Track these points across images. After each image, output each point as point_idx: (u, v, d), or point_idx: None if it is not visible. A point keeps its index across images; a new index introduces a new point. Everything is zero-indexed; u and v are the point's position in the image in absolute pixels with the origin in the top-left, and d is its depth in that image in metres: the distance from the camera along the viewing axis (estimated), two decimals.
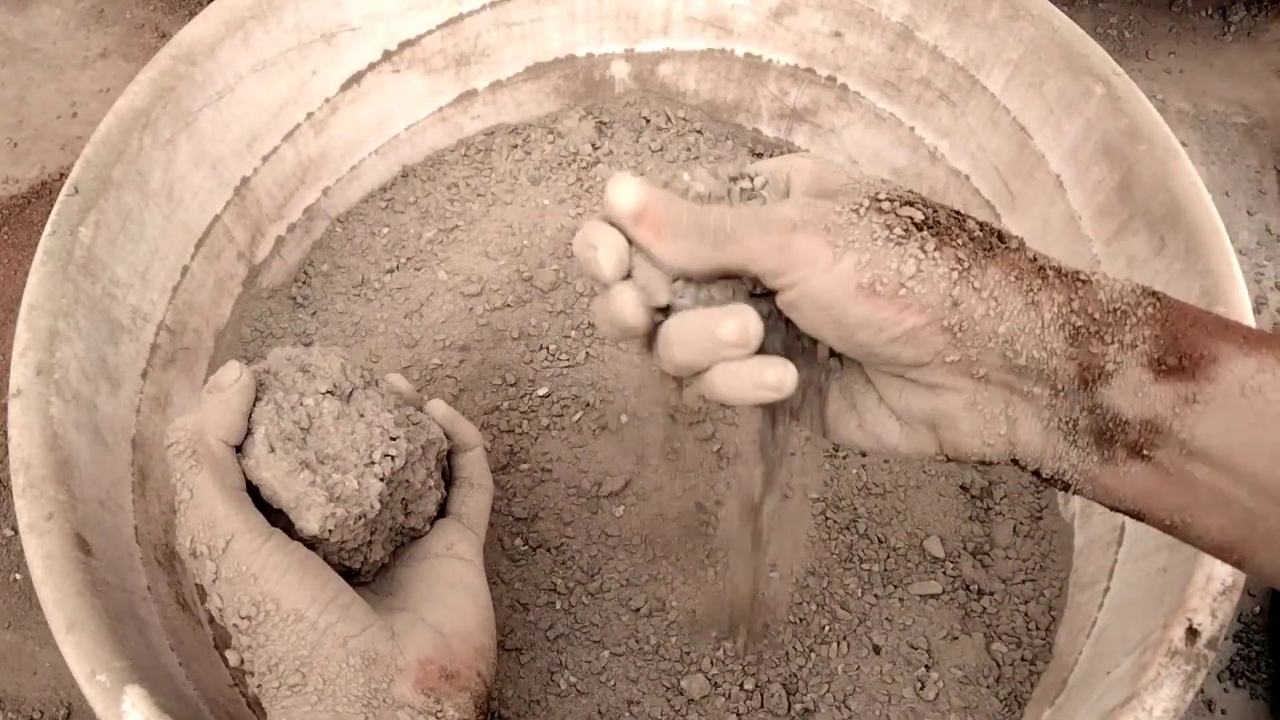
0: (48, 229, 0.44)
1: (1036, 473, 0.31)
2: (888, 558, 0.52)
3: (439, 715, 0.33)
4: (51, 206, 0.45)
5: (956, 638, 0.50)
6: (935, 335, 0.29)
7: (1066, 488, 0.30)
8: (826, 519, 0.53)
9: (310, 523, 0.34)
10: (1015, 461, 0.31)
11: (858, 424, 0.33)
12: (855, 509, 0.53)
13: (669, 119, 0.67)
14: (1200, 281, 0.44)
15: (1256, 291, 0.74)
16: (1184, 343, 0.27)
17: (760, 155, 0.67)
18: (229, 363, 0.36)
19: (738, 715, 0.47)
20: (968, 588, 0.51)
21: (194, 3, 0.85)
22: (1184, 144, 0.48)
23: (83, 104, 0.80)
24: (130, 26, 0.84)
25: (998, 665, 0.49)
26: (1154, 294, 0.28)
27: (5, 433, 0.56)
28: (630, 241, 0.31)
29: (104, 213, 0.46)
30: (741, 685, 0.48)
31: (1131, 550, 0.46)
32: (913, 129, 0.61)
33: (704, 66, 0.65)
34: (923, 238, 0.29)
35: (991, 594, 0.51)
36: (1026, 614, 0.51)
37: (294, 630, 0.32)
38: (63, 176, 0.75)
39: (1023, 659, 0.49)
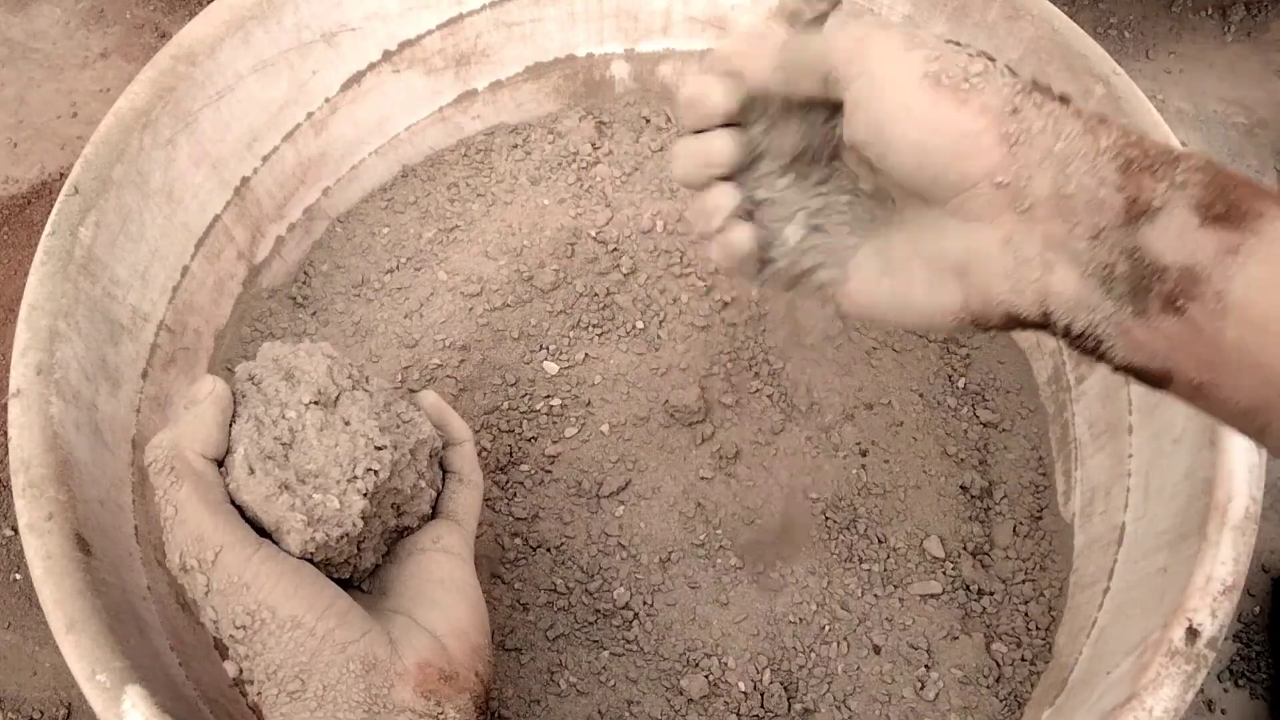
0: (48, 229, 0.44)
1: (1067, 330, 0.30)
2: (888, 558, 0.52)
3: (440, 718, 0.33)
4: (51, 206, 0.45)
5: (956, 638, 0.50)
6: (991, 145, 0.28)
7: (1097, 346, 0.29)
8: (827, 519, 0.53)
9: (292, 547, 0.33)
10: (1045, 318, 0.30)
11: (882, 271, 0.33)
12: (855, 509, 0.53)
13: (669, 119, 0.67)
14: None
15: None
16: (1233, 195, 0.27)
17: None
18: (203, 376, 0.36)
19: (738, 715, 0.47)
20: (968, 588, 0.51)
21: (194, 3, 0.85)
22: (1184, 144, 0.48)
23: (83, 104, 0.80)
24: (130, 26, 0.84)
25: (998, 665, 0.49)
26: (1205, 158, 0.28)
27: (5, 433, 0.56)
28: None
29: (104, 213, 0.46)
30: (741, 685, 0.48)
31: (1131, 550, 0.46)
32: None
33: (704, 66, 0.65)
34: (986, 61, 0.29)
35: (991, 594, 0.51)
36: (1026, 614, 0.51)
37: (291, 637, 0.32)
38: (63, 176, 0.75)
39: (1023, 659, 0.49)
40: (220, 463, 0.35)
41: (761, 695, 0.48)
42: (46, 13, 0.84)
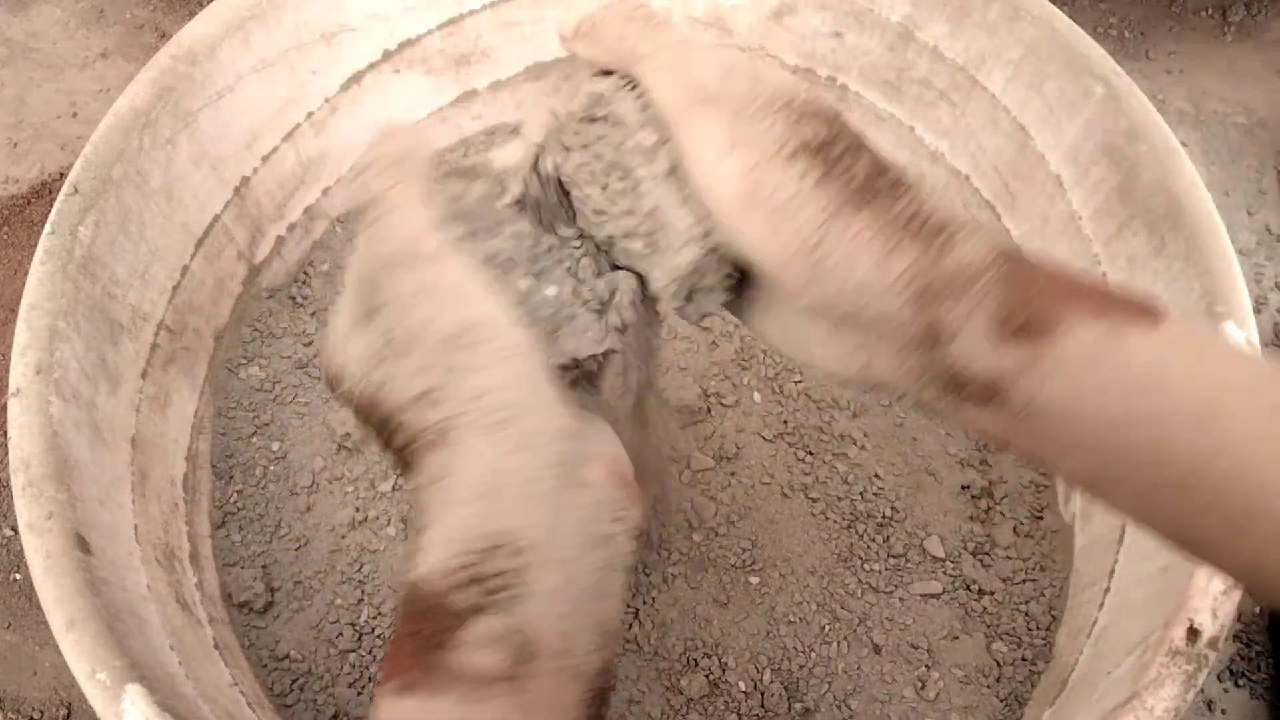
0: (47, 229, 0.44)
1: (901, 398, 0.31)
2: (888, 557, 0.52)
3: (623, 516, 0.31)
4: (51, 206, 0.45)
5: (957, 637, 0.50)
6: (797, 273, 0.29)
7: (937, 414, 0.31)
8: (827, 519, 0.53)
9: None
10: (879, 388, 0.31)
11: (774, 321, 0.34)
12: (855, 509, 0.53)
13: None
14: (1200, 281, 0.44)
15: (1256, 291, 0.74)
16: (1030, 307, 0.27)
17: None
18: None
19: (738, 715, 0.47)
20: (968, 587, 0.51)
21: (194, 3, 0.85)
22: (1184, 144, 0.48)
23: (83, 104, 0.80)
24: (130, 26, 0.84)
25: (998, 665, 0.49)
26: (1010, 256, 0.28)
27: (5, 432, 0.56)
28: None
29: (104, 212, 0.46)
30: (741, 685, 0.48)
31: (1132, 550, 0.46)
32: (913, 129, 0.61)
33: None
34: (807, 165, 0.29)
35: (992, 594, 0.51)
36: (1027, 614, 0.51)
37: (509, 366, 0.29)
38: (63, 176, 0.75)
39: (1023, 659, 0.49)
40: None
41: (761, 695, 0.48)
42: (46, 13, 0.84)
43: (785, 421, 0.55)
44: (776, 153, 0.29)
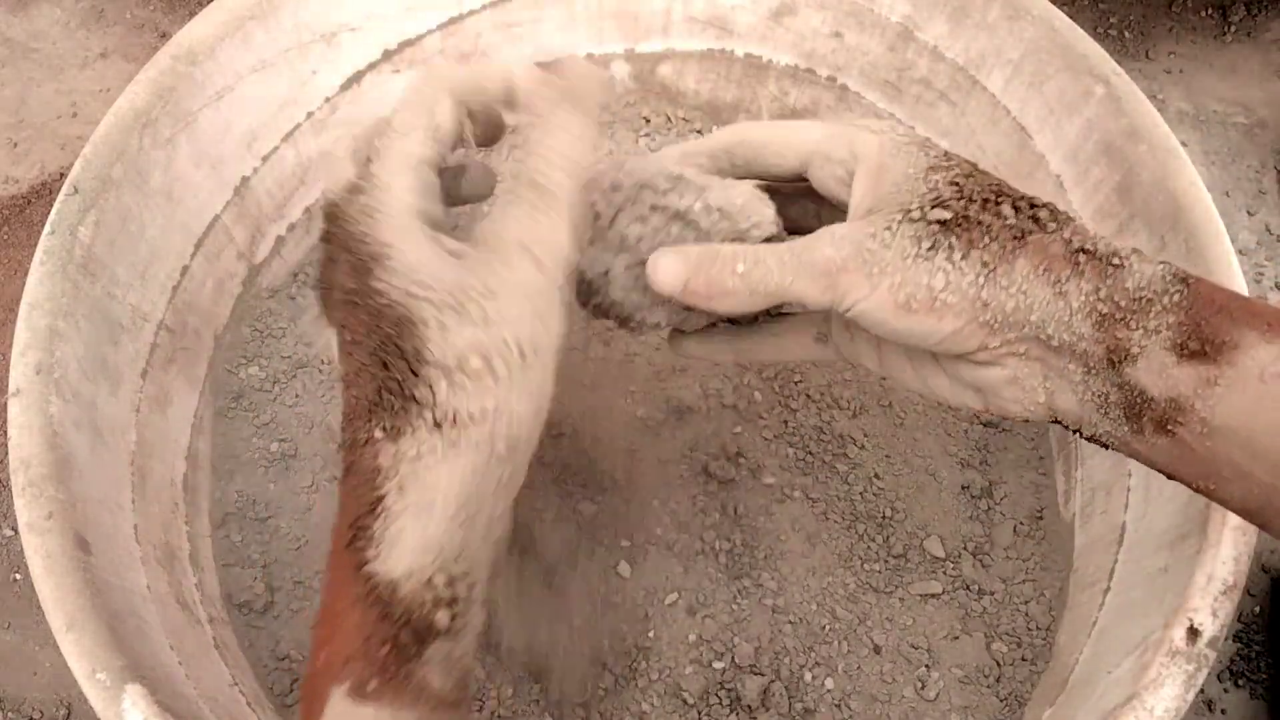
0: (47, 229, 0.44)
1: (1079, 433, 0.32)
2: (888, 557, 0.52)
3: None
4: (51, 206, 0.45)
5: (957, 637, 0.50)
6: (974, 332, 0.31)
7: (1106, 446, 0.32)
8: (827, 519, 0.53)
9: None
10: (1057, 421, 0.33)
11: (912, 371, 0.36)
12: (855, 509, 0.53)
13: (669, 119, 0.67)
14: None
15: (1257, 291, 0.74)
16: (1206, 329, 0.28)
17: None
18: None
19: (738, 715, 0.47)
20: (968, 587, 0.51)
21: (194, 3, 0.85)
22: (1184, 144, 0.48)
23: (83, 104, 0.80)
24: (130, 26, 0.84)
25: (998, 665, 0.49)
26: (1184, 279, 0.30)
27: (5, 432, 0.56)
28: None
29: (104, 212, 0.46)
30: (742, 685, 0.48)
31: (1132, 550, 0.46)
32: (913, 129, 0.61)
33: (704, 67, 0.65)
34: (950, 245, 0.31)
35: (992, 594, 0.51)
36: (1027, 614, 0.51)
37: (539, 407, 0.30)
38: (63, 176, 0.75)
39: (1023, 659, 0.49)
40: None
41: (762, 695, 0.48)
42: (46, 13, 0.84)
43: (785, 421, 0.55)
44: (914, 259, 0.31)
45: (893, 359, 0.37)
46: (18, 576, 0.60)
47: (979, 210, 0.31)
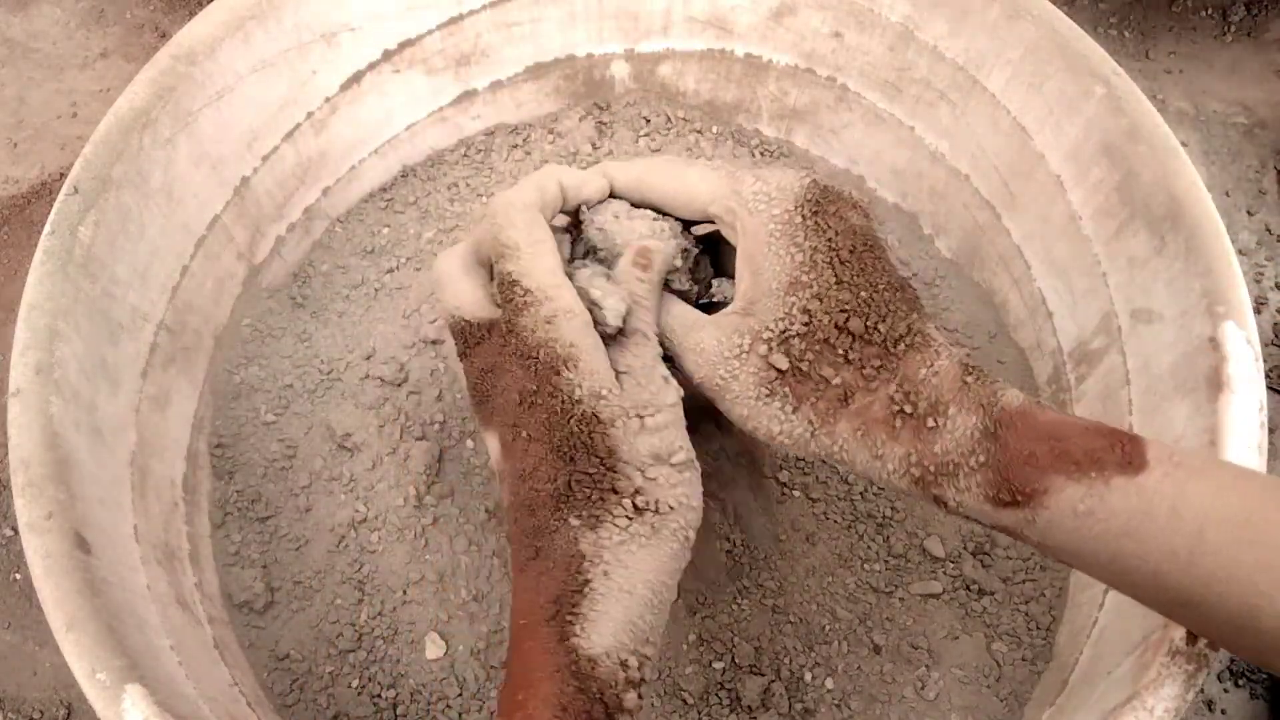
0: (47, 229, 0.44)
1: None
2: (888, 557, 0.52)
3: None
4: (51, 206, 0.45)
5: (957, 637, 0.50)
6: (815, 452, 0.34)
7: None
8: (827, 519, 0.53)
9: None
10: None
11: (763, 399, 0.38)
12: (855, 509, 0.53)
13: (669, 119, 0.67)
14: (1200, 281, 0.44)
15: (1256, 291, 0.74)
16: (1016, 482, 0.30)
17: (765, 154, 0.67)
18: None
19: (738, 715, 0.47)
20: (968, 587, 0.51)
21: (194, 3, 0.85)
22: (1184, 144, 0.48)
23: (83, 104, 0.80)
24: (130, 26, 0.84)
25: (998, 665, 0.49)
26: (993, 435, 0.31)
27: (5, 432, 0.56)
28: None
29: (104, 212, 0.46)
30: (742, 685, 0.48)
31: None
32: (913, 129, 0.61)
33: (704, 66, 0.65)
34: (784, 395, 0.34)
35: (992, 594, 0.51)
36: (1027, 614, 0.51)
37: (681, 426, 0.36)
38: (63, 176, 0.75)
39: (1023, 659, 0.49)
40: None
41: (762, 695, 0.48)
42: (46, 13, 0.84)
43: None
44: (756, 401, 0.34)
45: None
46: (18, 576, 0.60)
47: (815, 357, 0.34)
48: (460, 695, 0.48)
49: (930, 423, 0.32)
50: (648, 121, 0.67)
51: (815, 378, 0.33)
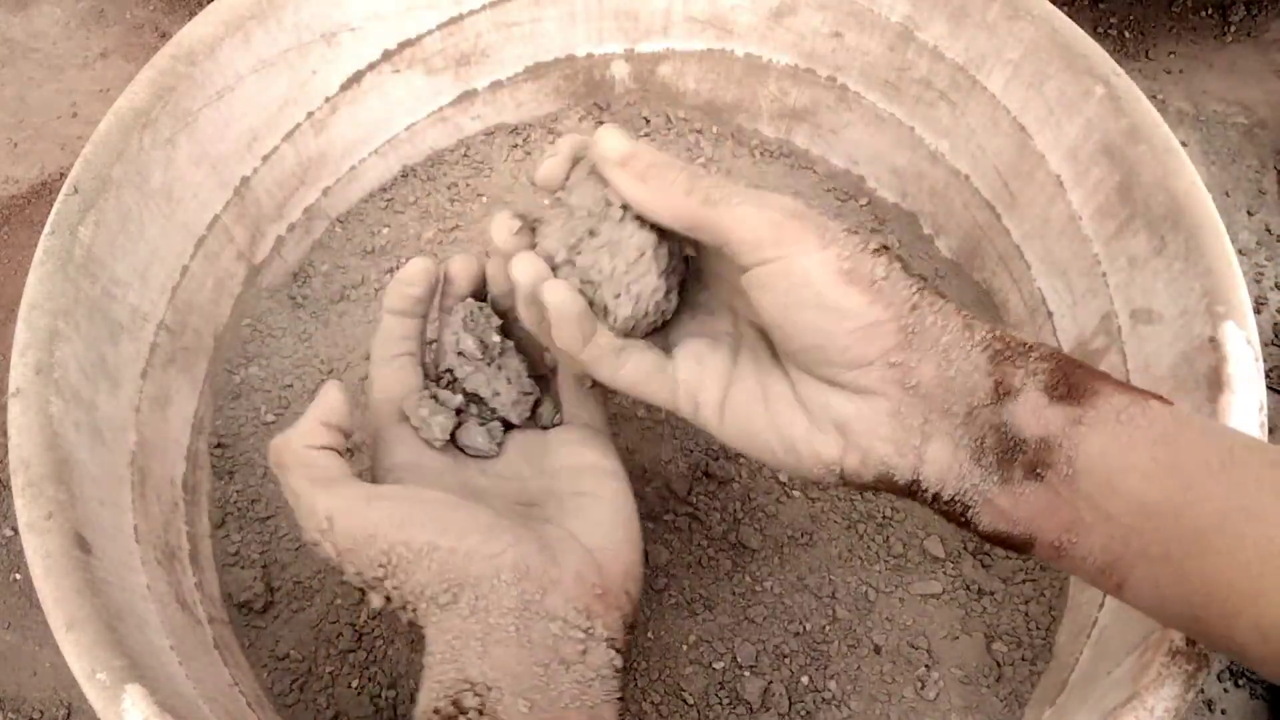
0: (47, 229, 0.44)
1: (936, 496, 0.33)
2: (888, 557, 0.52)
3: (589, 632, 0.34)
4: (51, 206, 0.45)
5: (957, 637, 0.50)
6: (891, 333, 0.33)
7: (964, 512, 0.33)
8: (827, 519, 0.53)
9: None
10: (915, 484, 0.34)
11: (763, 410, 0.36)
12: (855, 509, 0.53)
13: (669, 119, 0.67)
14: (1200, 281, 0.44)
15: (1256, 291, 0.74)
16: (1073, 376, 0.32)
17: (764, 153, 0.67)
18: (328, 384, 0.39)
19: (738, 716, 0.47)
20: (968, 587, 0.51)
21: (194, 3, 0.85)
22: (1184, 144, 0.48)
23: (83, 104, 0.80)
24: (130, 26, 0.84)
25: (998, 665, 0.49)
26: (1049, 345, 0.34)
27: (5, 432, 0.56)
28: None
29: (104, 212, 0.46)
30: (742, 685, 0.48)
31: None
32: (913, 129, 0.61)
33: (704, 66, 0.65)
34: (889, 260, 0.33)
35: (992, 594, 0.51)
36: (1027, 614, 0.51)
37: (433, 560, 0.33)
38: (63, 176, 0.75)
39: (1023, 659, 0.49)
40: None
41: (762, 695, 0.48)
42: (46, 13, 0.84)
43: None
44: (864, 249, 0.33)
45: (741, 400, 0.36)
46: (18, 576, 0.60)
47: (906, 263, 0.34)
48: None
49: (1004, 320, 0.33)
50: (648, 121, 0.67)
51: (910, 265, 0.34)
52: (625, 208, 0.36)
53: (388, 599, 0.35)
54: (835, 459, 0.35)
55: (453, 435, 0.40)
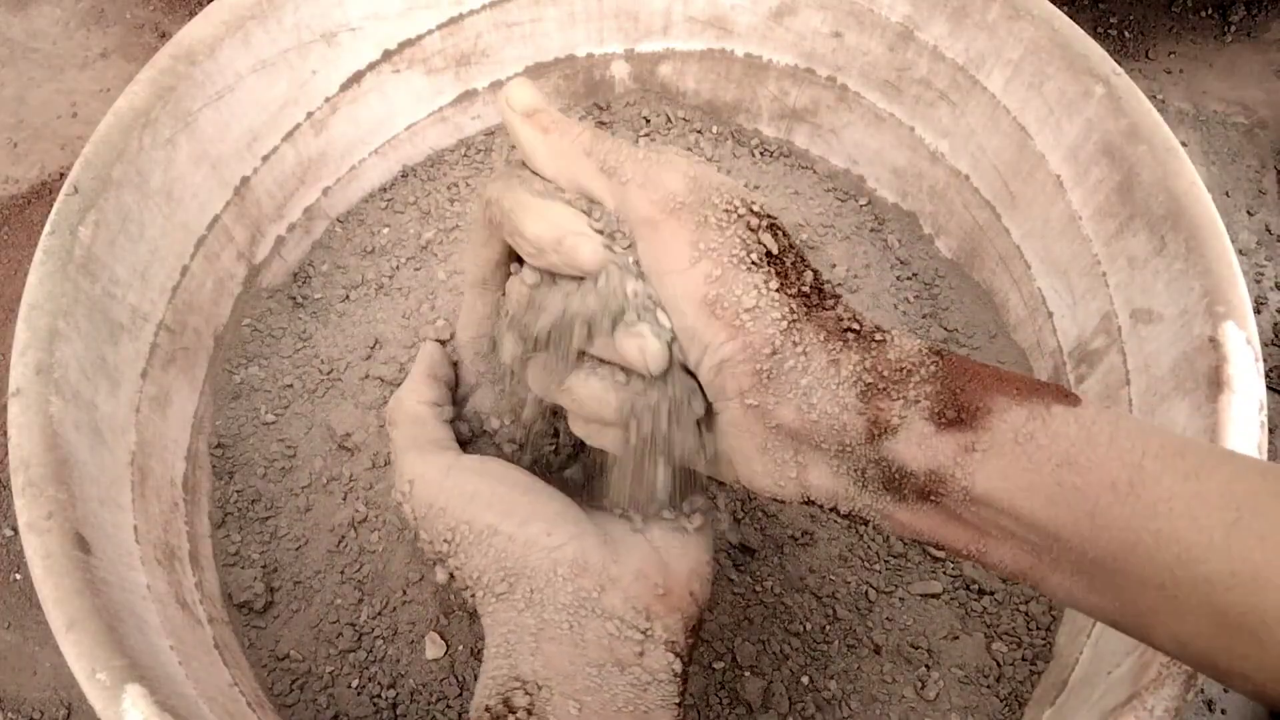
0: (47, 229, 0.44)
1: (835, 510, 0.32)
2: (888, 557, 0.52)
3: (647, 633, 0.33)
4: (51, 206, 0.45)
5: (957, 637, 0.50)
6: (745, 374, 0.30)
7: (865, 524, 0.32)
8: (827, 519, 0.53)
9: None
10: (810, 501, 0.32)
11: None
12: None
13: (669, 119, 0.67)
14: (1200, 281, 0.44)
15: (1256, 291, 0.74)
16: (962, 397, 0.29)
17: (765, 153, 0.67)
18: (426, 343, 0.41)
19: (738, 716, 0.47)
20: (968, 587, 0.51)
21: (194, 3, 0.85)
22: (1184, 144, 0.48)
23: (83, 104, 0.80)
24: (130, 26, 0.84)
25: (998, 665, 0.49)
26: (938, 353, 0.30)
27: (5, 432, 0.56)
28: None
29: (104, 212, 0.46)
30: (742, 685, 0.48)
31: None
32: (913, 129, 0.61)
33: (704, 66, 0.65)
34: (768, 273, 0.31)
35: (992, 594, 0.51)
36: (1027, 614, 0.51)
37: (491, 545, 0.33)
38: (63, 176, 0.75)
39: (1023, 659, 0.49)
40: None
41: (762, 695, 0.48)
42: (46, 13, 0.84)
43: None
44: (739, 262, 0.30)
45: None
46: (18, 576, 0.60)
47: (793, 261, 0.32)
48: (460, 695, 0.48)
49: (878, 338, 0.31)
50: (648, 121, 0.67)
51: (794, 276, 0.31)
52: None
53: (451, 577, 0.35)
54: (734, 480, 0.34)
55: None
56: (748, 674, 0.48)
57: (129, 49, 0.83)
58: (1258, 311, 0.72)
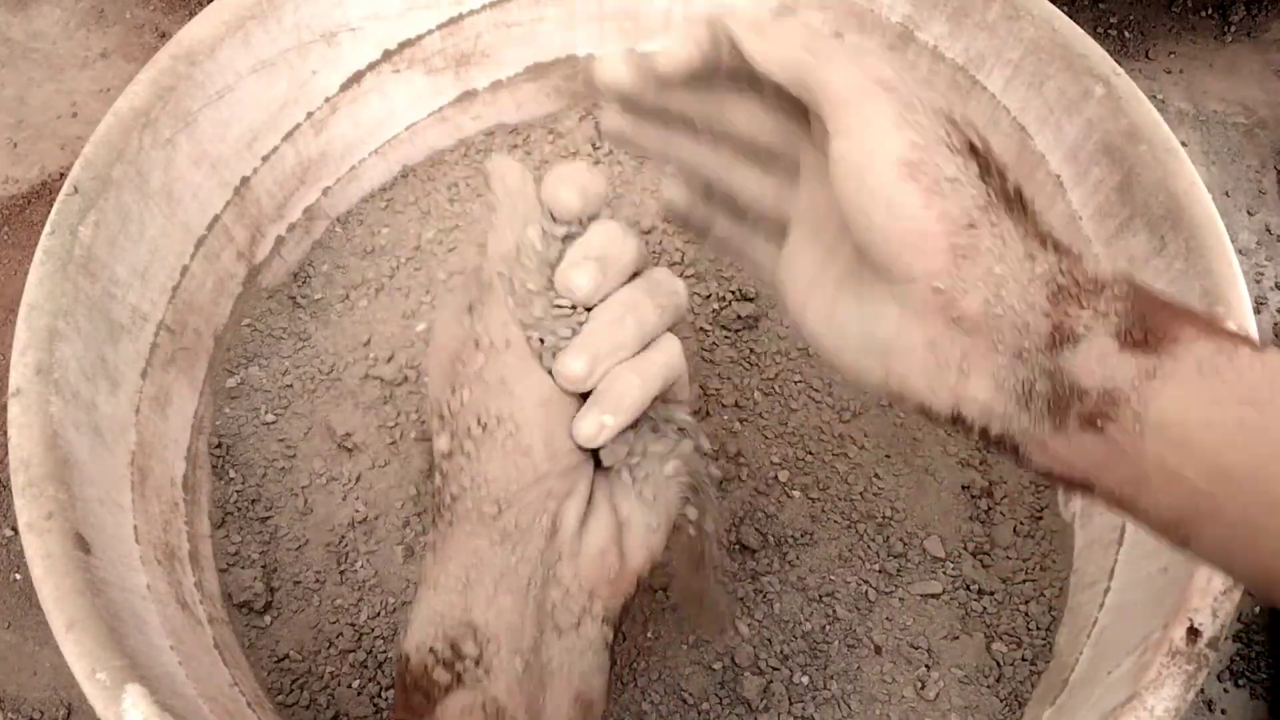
0: (47, 229, 0.44)
1: (983, 432, 0.30)
2: (888, 557, 0.52)
3: (586, 609, 0.33)
4: (51, 206, 0.45)
5: (957, 637, 0.50)
6: (939, 250, 0.29)
7: (1015, 451, 0.30)
8: (827, 519, 0.53)
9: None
10: (958, 418, 0.31)
11: (832, 297, 0.33)
12: (855, 509, 0.53)
13: None
14: (1200, 281, 0.44)
15: (1256, 291, 0.74)
16: (1151, 320, 0.28)
17: None
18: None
19: (738, 716, 0.47)
20: (968, 587, 0.51)
21: (194, 3, 0.85)
22: (1184, 144, 0.48)
23: (83, 104, 0.80)
24: (130, 26, 0.84)
25: (998, 665, 0.49)
26: (1129, 278, 0.29)
27: (5, 432, 0.56)
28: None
29: (104, 213, 0.46)
30: (742, 685, 0.48)
31: (1132, 550, 0.46)
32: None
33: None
34: (967, 160, 0.30)
35: (992, 594, 0.51)
36: (1027, 614, 0.51)
37: (515, 462, 0.32)
38: (63, 176, 0.75)
39: (1023, 659, 0.49)
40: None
41: (762, 695, 0.48)
42: (46, 13, 0.84)
43: (785, 422, 0.55)
44: (944, 141, 0.29)
45: (827, 289, 0.34)
46: (18, 576, 0.60)
47: (995, 165, 0.31)
48: None
49: (1074, 253, 0.30)
50: None
51: (995, 177, 0.30)
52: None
53: (444, 462, 0.33)
54: (878, 384, 0.32)
55: None
56: (748, 674, 0.48)
57: (129, 49, 0.83)
58: (1258, 311, 0.72)
